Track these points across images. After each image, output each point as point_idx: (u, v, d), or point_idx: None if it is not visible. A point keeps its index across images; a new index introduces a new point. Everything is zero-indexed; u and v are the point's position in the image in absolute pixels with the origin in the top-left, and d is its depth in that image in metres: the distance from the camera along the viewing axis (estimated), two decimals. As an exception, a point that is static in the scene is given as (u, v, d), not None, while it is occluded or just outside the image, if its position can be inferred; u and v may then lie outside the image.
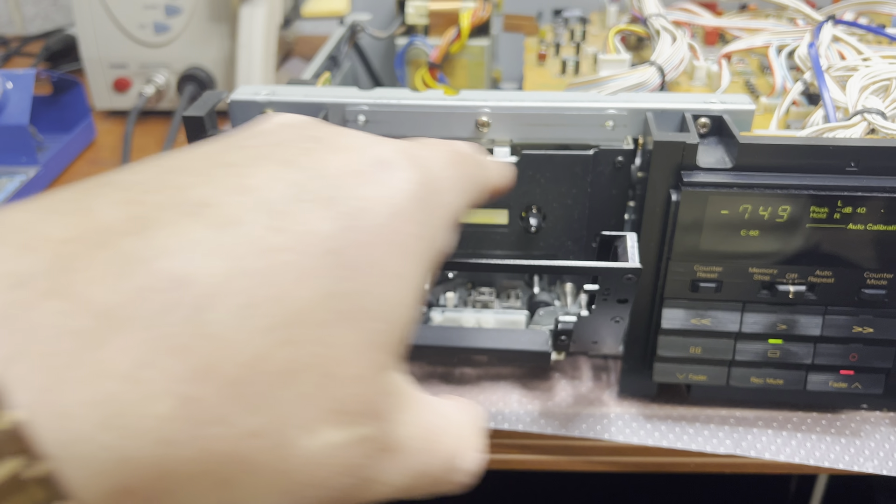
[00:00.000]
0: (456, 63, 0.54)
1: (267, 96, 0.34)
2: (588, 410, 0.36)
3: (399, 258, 0.18)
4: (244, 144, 0.18)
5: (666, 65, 0.38)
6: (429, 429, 0.20)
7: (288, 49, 0.86)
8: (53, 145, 0.62)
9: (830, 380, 0.34)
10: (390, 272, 0.17)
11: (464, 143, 0.23)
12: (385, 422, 0.18)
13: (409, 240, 0.18)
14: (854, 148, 0.30)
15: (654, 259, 0.32)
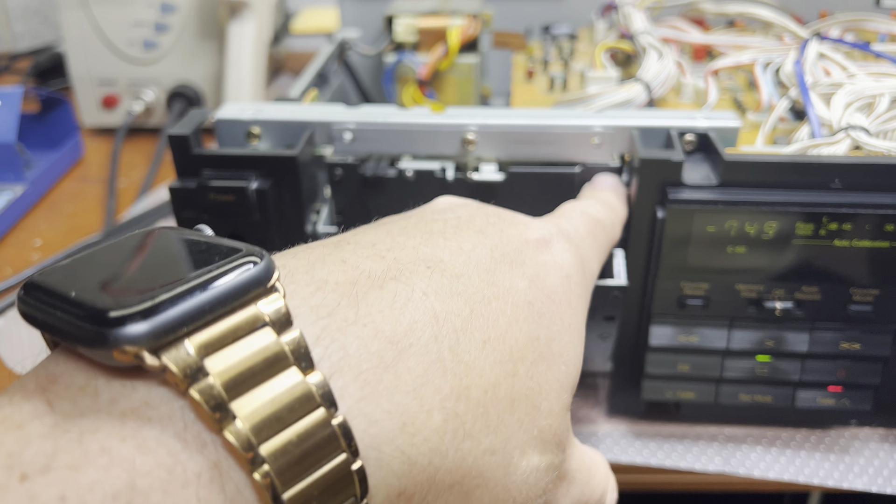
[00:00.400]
0: (445, 79, 0.54)
1: (253, 114, 0.34)
2: (577, 428, 0.36)
3: (572, 312, 0.21)
4: (439, 217, 0.22)
5: (653, 81, 0.38)
6: (589, 465, 0.24)
7: (278, 65, 0.86)
8: (41, 162, 0.62)
9: (819, 396, 0.34)
10: (567, 323, 0.21)
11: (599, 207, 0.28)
12: (564, 454, 0.22)
13: (575, 298, 0.22)
14: (838, 165, 0.30)
15: (642, 276, 0.32)
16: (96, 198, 0.61)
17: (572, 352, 0.21)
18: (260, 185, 0.31)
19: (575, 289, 0.22)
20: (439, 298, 0.18)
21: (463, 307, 0.18)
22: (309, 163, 0.33)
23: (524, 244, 0.22)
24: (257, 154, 0.31)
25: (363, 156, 0.34)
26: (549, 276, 0.21)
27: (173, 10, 0.67)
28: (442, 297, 0.18)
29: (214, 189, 0.30)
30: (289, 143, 0.34)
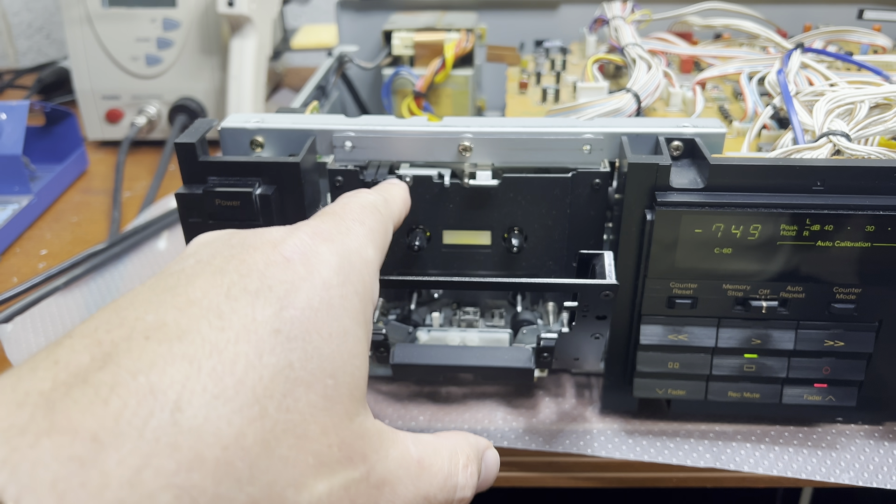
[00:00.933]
0: (441, 92, 0.55)
1: (256, 124, 0.35)
2: (571, 427, 0.37)
3: (334, 320, 0.21)
4: (179, 269, 0.21)
5: (641, 91, 0.39)
6: (418, 457, 0.24)
7: (278, 80, 0.87)
8: (46, 175, 0.63)
9: (805, 393, 0.35)
10: (328, 332, 0.21)
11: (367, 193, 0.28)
12: (369, 461, 0.21)
13: (339, 301, 0.21)
14: (820, 168, 0.31)
15: (632, 277, 0.33)
16: (100, 209, 0.62)
17: (340, 359, 0.21)
18: (264, 191, 0.32)
19: (336, 291, 0.21)
20: (155, 371, 0.17)
21: (187, 369, 0.17)
22: (311, 170, 0.34)
23: (269, 266, 0.21)
24: (261, 161, 0.32)
25: (363, 163, 0.36)
26: (299, 292, 0.20)
27: (176, 27, 0.68)
28: (159, 368, 0.17)
29: (219, 195, 0.32)
30: (291, 151, 0.35)
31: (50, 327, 0.45)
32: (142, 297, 0.19)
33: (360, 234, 0.24)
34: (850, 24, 0.58)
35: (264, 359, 0.19)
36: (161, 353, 0.17)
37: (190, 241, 0.33)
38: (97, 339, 0.18)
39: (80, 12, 0.68)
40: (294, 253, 0.22)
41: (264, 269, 0.21)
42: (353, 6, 0.63)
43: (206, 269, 0.21)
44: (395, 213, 0.29)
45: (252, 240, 0.22)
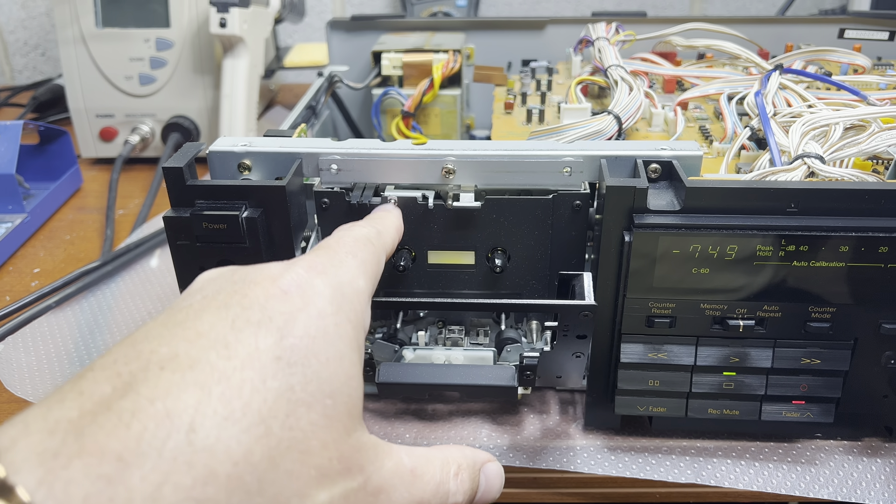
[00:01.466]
0: (430, 112, 0.56)
1: (244, 147, 0.36)
2: (555, 443, 0.38)
3: (330, 345, 0.23)
4: (187, 304, 0.23)
5: (623, 113, 0.40)
6: (411, 466, 0.26)
7: (271, 97, 0.88)
8: (40, 193, 0.64)
9: (784, 410, 0.35)
10: (325, 358, 0.23)
11: (360, 226, 0.30)
12: (366, 472, 0.23)
13: (334, 329, 0.23)
14: (793, 190, 0.32)
15: (612, 296, 0.34)
16: (94, 227, 0.63)
17: (337, 381, 0.22)
18: (250, 214, 0.33)
19: (331, 319, 0.23)
20: (170, 397, 0.19)
21: (199, 394, 0.19)
22: (297, 192, 0.35)
23: (269, 299, 0.23)
24: (248, 184, 0.33)
25: (349, 185, 0.36)
26: (297, 322, 0.22)
27: (169, 46, 0.69)
28: (174, 395, 0.19)
29: (207, 218, 0.32)
30: (278, 174, 0.36)
31: (41, 346, 0.46)
32: (155, 331, 0.22)
33: (353, 267, 0.26)
34: (831, 43, 0.59)
35: (268, 383, 0.21)
36: (175, 381, 0.19)
37: (177, 263, 0.34)
38: (116, 371, 0.20)
39: (75, 32, 0.69)
40: (291, 286, 0.24)
41: (265, 302, 0.23)
42: (343, 27, 0.64)
43: (211, 303, 0.23)
44: (387, 244, 0.31)
45: (253, 275, 0.24)
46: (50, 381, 0.43)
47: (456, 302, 0.32)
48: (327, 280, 0.24)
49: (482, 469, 0.29)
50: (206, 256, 0.34)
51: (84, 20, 0.69)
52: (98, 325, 0.48)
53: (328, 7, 1.05)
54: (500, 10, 1.05)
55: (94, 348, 0.46)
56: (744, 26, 0.59)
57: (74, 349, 0.46)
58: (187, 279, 0.35)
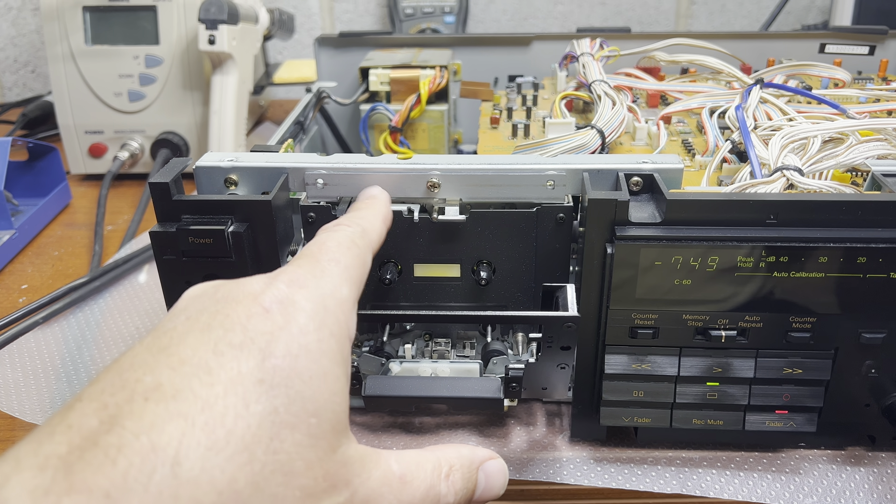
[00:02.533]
0: (417, 127, 0.57)
1: (230, 162, 0.36)
2: (541, 455, 0.38)
3: (313, 363, 0.23)
4: (171, 326, 0.23)
5: (606, 128, 0.41)
6: (399, 473, 0.26)
7: (261, 113, 0.89)
8: (28, 209, 0.64)
9: (767, 419, 0.36)
10: (310, 376, 0.23)
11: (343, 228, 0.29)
12: (352, 485, 0.24)
13: (316, 345, 0.23)
14: (772, 202, 0.32)
15: (596, 308, 0.34)
16: (82, 242, 0.63)
17: (321, 398, 0.23)
18: (236, 229, 0.33)
19: (313, 336, 0.23)
20: (155, 430, 0.19)
21: (183, 425, 0.19)
22: (283, 206, 0.35)
23: (250, 318, 0.23)
24: (233, 199, 0.33)
25: (335, 199, 0.37)
26: (278, 342, 0.22)
27: (158, 63, 0.70)
28: (158, 427, 0.19)
29: (193, 232, 0.33)
30: (265, 188, 0.36)
31: (28, 362, 0.46)
32: (140, 357, 0.22)
33: (336, 275, 0.26)
34: (813, 58, 0.60)
35: (251, 408, 0.21)
36: (159, 412, 0.19)
37: (164, 277, 0.34)
38: (103, 402, 0.20)
39: (64, 49, 0.70)
40: (272, 303, 0.23)
41: (246, 322, 0.23)
42: (331, 43, 0.65)
43: (195, 325, 0.23)
44: (373, 240, 0.31)
45: (235, 293, 0.24)
46: (36, 397, 0.43)
47: (440, 315, 0.32)
48: (309, 293, 0.24)
49: (481, 467, 0.29)
50: (192, 271, 0.34)
51: (73, 38, 0.69)
52: (85, 341, 0.48)
53: (317, 24, 1.06)
54: (487, 27, 1.06)
55: (80, 364, 0.46)
56: (727, 41, 0.60)
57: (62, 365, 0.46)
58: (174, 294, 0.35)
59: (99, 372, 0.42)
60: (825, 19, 0.92)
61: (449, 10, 0.92)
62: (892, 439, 0.36)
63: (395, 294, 0.38)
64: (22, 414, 0.41)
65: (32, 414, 0.41)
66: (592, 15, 1.05)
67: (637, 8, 1.04)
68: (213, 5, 0.64)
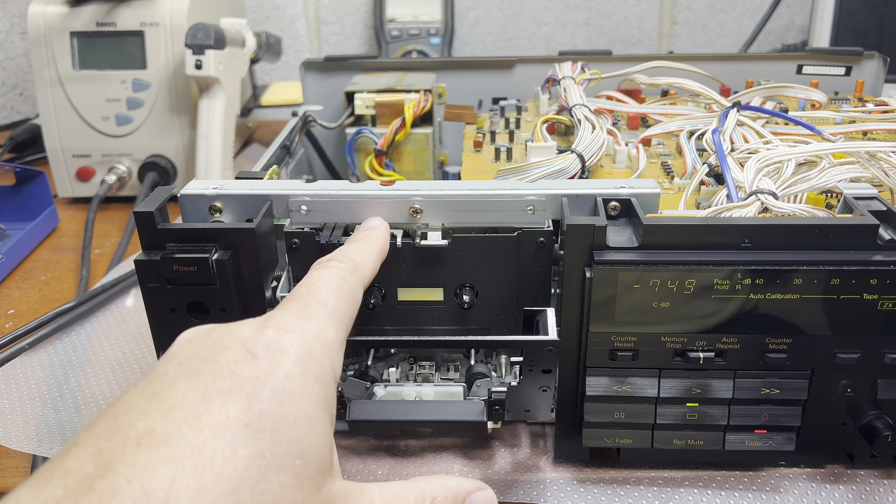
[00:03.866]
0: (402, 150, 0.57)
1: (214, 190, 0.36)
2: (525, 476, 0.38)
3: (298, 407, 0.24)
4: (164, 372, 0.24)
5: (585, 152, 0.41)
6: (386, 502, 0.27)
7: (249, 134, 0.89)
8: (15, 234, 0.64)
9: (746, 439, 0.36)
10: (294, 420, 0.24)
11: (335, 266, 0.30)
12: None
13: (301, 390, 0.24)
14: (746, 226, 0.33)
15: (576, 330, 0.35)
16: (69, 267, 0.63)
17: (306, 441, 0.24)
18: (220, 257, 0.33)
19: (297, 381, 0.24)
20: (147, 475, 0.20)
21: (173, 470, 0.20)
22: (267, 233, 0.36)
23: (238, 363, 0.24)
24: (217, 227, 0.34)
25: (318, 226, 0.37)
26: (264, 387, 0.23)
27: (146, 87, 0.70)
28: (150, 472, 0.20)
29: (177, 261, 0.33)
30: (249, 215, 0.37)
31: (14, 389, 0.46)
32: (134, 402, 0.23)
33: (322, 317, 0.27)
34: (790, 79, 0.61)
35: (238, 451, 0.22)
36: (150, 458, 0.20)
37: (149, 305, 0.34)
38: (98, 447, 0.21)
39: (52, 74, 0.70)
40: (259, 349, 0.25)
41: (234, 368, 0.24)
42: (317, 67, 0.65)
43: (185, 371, 0.24)
44: (365, 275, 0.32)
45: (225, 339, 0.25)
46: (22, 424, 0.43)
47: (422, 340, 0.33)
48: (295, 339, 0.25)
49: (468, 499, 0.30)
50: (177, 299, 0.34)
51: (61, 63, 0.70)
52: (72, 367, 0.48)
53: (305, 45, 1.07)
54: (473, 47, 1.07)
55: (67, 391, 0.46)
56: (707, 63, 0.61)
57: (47, 391, 0.46)
58: (159, 321, 0.35)
59: (86, 400, 0.42)
60: (804, 39, 0.93)
61: (435, 32, 0.93)
62: (871, 457, 0.37)
63: (380, 318, 0.39)
64: (7, 441, 0.41)
65: (18, 441, 0.41)
66: (576, 35, 1.06)
67: (620, 28, 1.06)
68: (199, 30, 0.64)
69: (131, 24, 0.69)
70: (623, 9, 1.05)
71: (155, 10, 0.69)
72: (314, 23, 1.05)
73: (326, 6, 1.05)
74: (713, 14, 1.05)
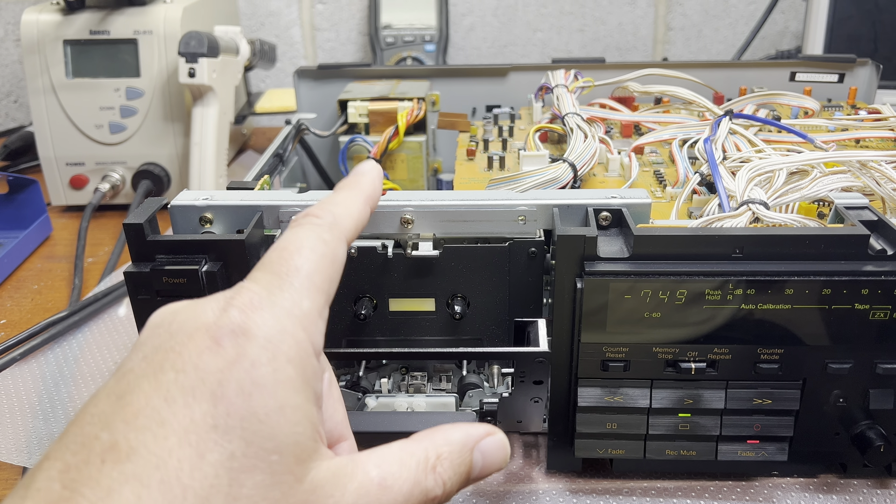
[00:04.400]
0: (396, 158, 0.57)
1: (205, 201, 0.36)
2: (518, 487, 0.38)
3: (269, 397, 0.22)
4: (129, 368, 0.23)
5: (578, 161, 0.41)
6: (379, 479, 0.24)
7: (244, 141, 0.89)
8: (8, 242, 0.64)
9: (739, 449, 0.36)
10: (266, 413, 0.22)
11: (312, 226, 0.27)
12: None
13: (270, 377, 0.22)
14: (737, 237, 0.33)
15: (568, 341, 0.35)
16: (62, 276, 0.63)
17: (281, 434, 0.22)
18: (209, 268, 0.33)
19: (266, 368, 0.22)
20: (112, 496, 0.19)
21: (139, 488, 0.19)
22: (258, 244, 0.36)
23: (201, 355, 0.22)
24: (207, 239, 0.34)
25: (309, 236, 0.37)
26: (230, 381, 0.22)
27: (139, 95, 0.70)
28: (116, 493, 0.19)
29: (167, 273, 0.33)
30: (240, 226, 0.37)
31: (5, 400, 0.46)
32: (100, 407, 0.21)
33: (295, 287, 0.24)
34: (784, 86, 0.61)
35: (206, 457, 0.20)
36: (115, 476, 0.19)
37: (139, 317, 0.34)
38: (66, 462, 0.20)
39: (45, 82, 0.70)
40: (223, 335, 0.22)
41: (197, 360, 0.22)
42: (310, 75, 0.65)
43: (149, 368, 0.22)
44: (347, 228, 0.28)
45: (189, 324, 0.23)
46: (12, 436, 0.43)
47: (413, 351, 0.33)
48: (263, 317, 0.23)
49: (477, 447, 0.28)
50: (166, 310, 0.34)
51: (54, 71, 0.70)
52: (63, 377, 0.48)
53: (300, 52, 1.07)
54: (468, 54, 1.07)
55: (58, 401, 0.46)
56: (700, 70, 0.61)
57: (38, 402, 0.46)
58: (149, 333, 0.35)
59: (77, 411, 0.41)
60: (799, 44, 0.94)
61: (429, 39, 0.93)
62: (863, 467, 0.37)
63: (371, 329, 0.39)
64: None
65: (8, 453, 0.41)
66: (571, 42, 1.07)
67: (615, 35, 1.06)
68: (192, 38, 0.64)
69: (125, 32, 0.69)
70: (618, 15, 1.05)
71: (148, 18, 0.69)
72: (309, 30, 1.05)
73: (321, 13, 1.05)
74: (708, 20, 1.05)
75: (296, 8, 1.04)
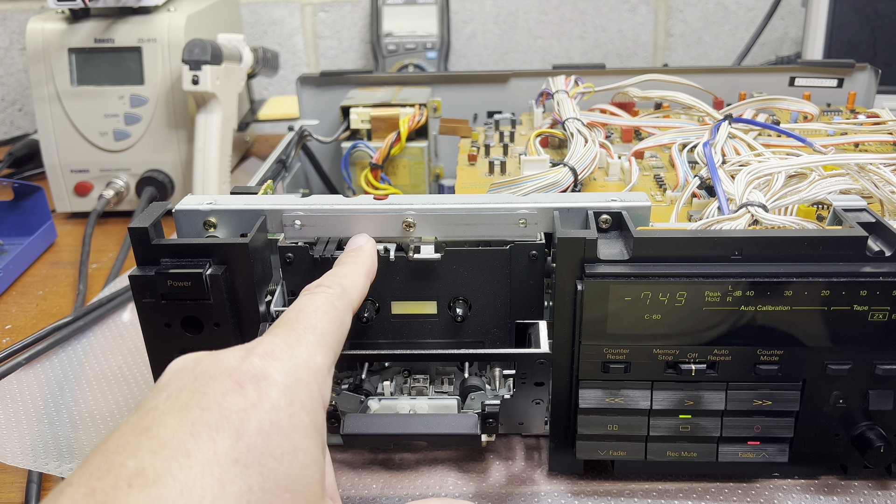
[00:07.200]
0: (398, 163, 0.58)
1: (209, 205, 0.37)
2: (520, 489, 0.38)
3: (285, 439, 0.24)
4: (153, 405, 0.24)
5: (578, 165, 0.42)
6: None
7: (247, 148, 0.90)
8: (13, 249, 0.64)
9: (739, 450, 0.36)
10: (282, 453, 0.24)
11: (323, 293, 0.30)
12: None
13: (287, 421, 0.25)
14: (736, 239, 0.33)
15: (568, 343, 0.35)
16: (67, 281, 0.63)
17: (294, 473, 0.24)
18: (213, 271, 0.34)
19: (284, 412, 0.24)
20: None
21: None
22: (261, 248, 0.36)
23: (225, 395, 0.24)
24: (211, 242, 0.34)
25: (312, 240, 0.37)
26: (251, 420, 0.24)
27: (143, 103, 0.71)
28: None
29: (171, 276, 0.33)
30: (243, 230, 0.37)
31: (10, 405, 0.46)
32: (125, 439, 0.23)
33: (311, 343, 0.27)
34: (783, 91, 0.62)
35: (227, 488, 0.22)
36: (142, 499, 0.21)
37: (143, 320, 0.34)
38: (91, 487, 0.21)
39: (50, 91, 0.71)
40: (246, 379, 0.25)
41: (221, 400, 0.24)
42: (313, 82, 0.66)
43: (174, 405, 0.24)
44: (353, 299, 0.32)
45: (213, 369, 0.25)
46: (18, 440, 0.43)
47: (415, 354, 0.33)
48: (282, 366, 0.26)
49: None
50: (171, 313, 0.35)
51: (59, 79, 0.70)
52: (68, 382, 0.48)
53: (303, 60, 1.07)
54: (469, 61, 1.08)
55: (63, 406, 0.46)
56: (700, 76, 0.62)
57: (43, 407, 0.46)
58: (153, 336, 0.36)
59: (82, 415, 0.42)
60: (798, 50, 0.94)
61: (431, 46, 0.94)
62: (864, 468, 0.37)
63: (374, 332, 0.39)
64: (3, 457, 0.42)
65: (14, 457, 0.41)
66: (572, 49, 1.07)
67: (615, 41, 1.06)
68: (196, 46, 0.65)
69: (129, 40, 0.70)
70: (618, 22, 1.05)
71: (152, 27, 0.70)
72: (311, 37, 1.06)
73: (324, 21, 1.05)
74: (708, 27, 1.05)
75: (298, 16, 1.05)
